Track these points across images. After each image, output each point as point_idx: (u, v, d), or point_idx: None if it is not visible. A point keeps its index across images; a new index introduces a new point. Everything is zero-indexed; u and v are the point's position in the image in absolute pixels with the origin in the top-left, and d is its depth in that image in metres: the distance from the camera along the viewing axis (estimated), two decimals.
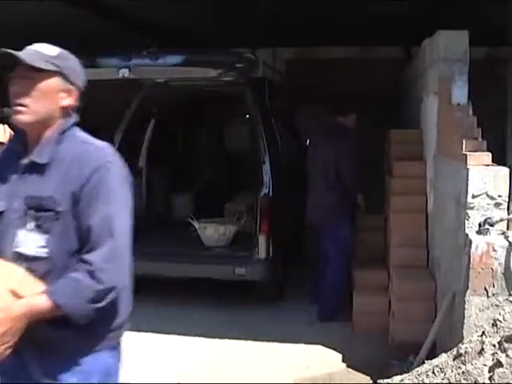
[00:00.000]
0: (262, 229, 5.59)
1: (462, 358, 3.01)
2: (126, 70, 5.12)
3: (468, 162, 3.85)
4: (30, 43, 1.99)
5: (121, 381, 2.05)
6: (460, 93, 4.43)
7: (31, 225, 1.84)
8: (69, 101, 1.94)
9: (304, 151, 7.71)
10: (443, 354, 3.25)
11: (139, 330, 4.81)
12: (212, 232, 5.96)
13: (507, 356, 2.85)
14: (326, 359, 4.72)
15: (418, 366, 3.56)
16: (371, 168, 7.19)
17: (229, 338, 5.09)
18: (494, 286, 3.52)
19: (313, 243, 5.98)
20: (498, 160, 3.97)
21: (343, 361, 4.67)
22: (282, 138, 6.80)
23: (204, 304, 5.92)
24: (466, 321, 3.52)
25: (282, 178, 6.12)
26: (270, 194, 5.66)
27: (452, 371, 3.01)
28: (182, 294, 6.18)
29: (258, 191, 5.67)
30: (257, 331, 5.22)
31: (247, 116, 7.21)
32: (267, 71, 6.73)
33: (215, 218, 6.32)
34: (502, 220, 3.69)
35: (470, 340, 3.15)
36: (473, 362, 2.94)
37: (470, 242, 3.60)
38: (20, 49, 1.94)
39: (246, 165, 7.66)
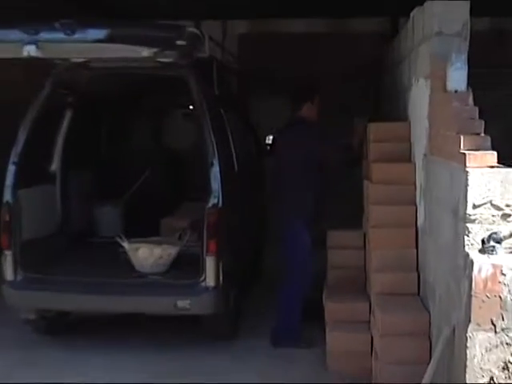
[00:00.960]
0: (210, 249, 5.57)
1: None
2: (33, 47, 4.99)
3: (467, 164, 3.86)
4: None
5: None
6: (458, 76, 4.46)
7: None
8: None
9: (262, 149, 7.69)
10: None
11: None
12: (146, 254, 5.90)
13: None
14: None
15: None
16: (345, 170, 7.22)
17: None
18: (502, 319, 3.53)
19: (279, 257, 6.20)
20: (506, 160, 4.00)
21: None
22: (235, 133, 6.79)
23: (136, 347, 5.85)
24: (468, 363, 3.51)
25: (236, 184, 6.11)
26: (220, 204, 5.64)
27: None
28: (107, 334, 6.09)
29: (204, 201, 5.61)
30: (206, 380, 5.17)
31: (191, 107, 7.17)
32: (215, 50, 6.70)
33: (150, 236, 6.25)
34: (511, 235, 3.71)
35: None
36: None
37: (472, 263, 3.60)
38: None
39: (190, 168, 7.63)
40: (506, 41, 9.29)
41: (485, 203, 3.77)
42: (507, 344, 3.49)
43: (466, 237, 3.80)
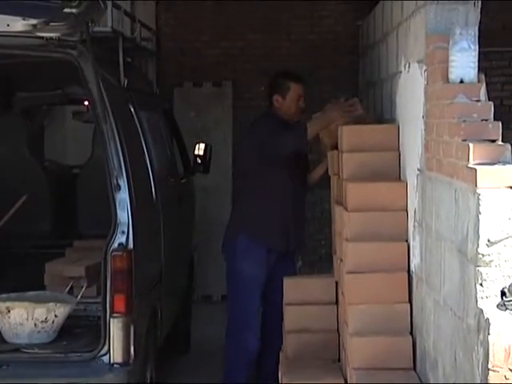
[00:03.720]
0: (117, 308, 5.56)
1: None
2: None
3: (479, 183, 3.90)
4: None
5: None
6: (464, 60, 4.51)
7: None
8: None
9: (190, 163, 7.75)
10: None
11: None
12: (22, 318, 5.84)
13: None
14: None
15: None
16: (310, 193, 7.27)
17: None
18: None
19: None
20: None
21: None
22: (153, 142, 6.78)
23: None
24: None
25: (154, 216, 6.09)
26: (131, 244, 5.61)
27: None
28: None
29: (107, 240, 5.58)
30: None
31: (85, 104, 7.12)
32: (122, 21, 6.70)
33: (28, 290, 6.18)
34: None
35: None
36: None
37: (488, 323, 3.63)
38: None
39: (86, 192, 7.58)
40: None
41: (504, 238, 3.80)
42: None
43: (478, 286, 3.82)
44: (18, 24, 5.11)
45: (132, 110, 6.46)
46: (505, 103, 9.22)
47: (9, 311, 5.85)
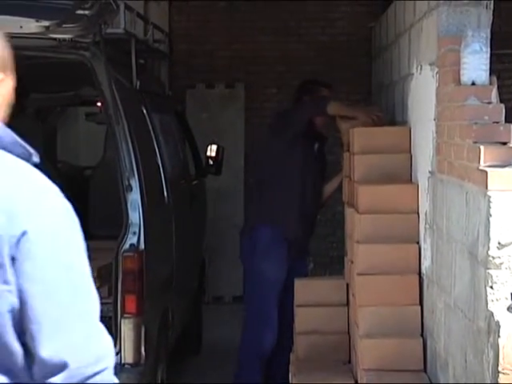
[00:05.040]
0: (128, 309, 5.55)
1: None
2: None
3: (489, 185, 3.90)
4: None
5: None
6: (476, 62, 4.50)
7: None
8: None
9: (202, 164, 7.75)
10: None
11: None
12: None
13: None
14: None
15: None
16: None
17: None
18: None
19: None
20: None
21: None
22: (165, 143, 6.79)
23: None
24: None
25: (166, 217, 6.09)
26: (142, 245, 5.60)
27: None
28: None
29: (119, 241, 5.59)
30: None
31: (98, 105, 7.13)
32: (134, 23, 6.71)
33: None
34: None
35: None
36: None
37: (498, 325, 3.63)
38: None
39: (98, 193, 7.59)
40: None
41: None
42: None
43: (489, 289, 3.82)
44: (31, 26, 5.12)
45: (144, 111, 6.47)
46: None
47: None
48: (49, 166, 7.93)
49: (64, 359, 2.34)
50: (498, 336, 3.61)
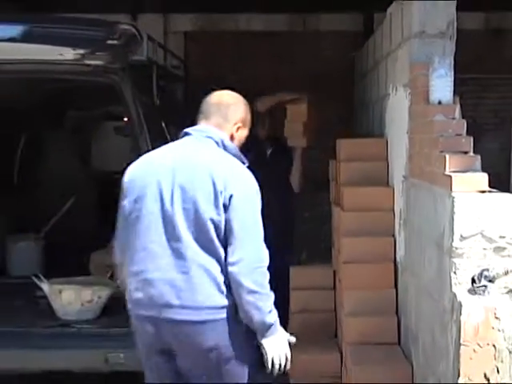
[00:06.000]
0: None
1: None
2: None
3: (453, 187, 3.90)
4: None
5: None
6: (442, 85, 4.52)
7: None
8: None
9: None
10: None
11: None
12: (71, 298, 5.82)
13: None
14: None
15: None
16: (313, 195, 7.27)
17: None
18: (498, 372, 3.55)
19: None
20: (499, 183, 4.05)
21: None
22: None
23: None
24: None
25: None
26: None
27: None
28: None
29: None
30: None
31: (125, 120, 7.12)
32: (156, 51, 6.69)
33: (77, 276, 6.18)
34: (506, 273, 3.73)
35: None
36: None
37: (460, 305, 3.62)
38: None
39: None
40: (503, 41, 9.46)
41: (474, 234, 3.80)
42: None
43: (452, 274, 3.82)
44: (69, 53, 5.10)
45: (163, 125, 6.45)
46: (477, 121, 9.18)
47: (61, 293, 5.84)
48: (83, 171, 7.96)
49: (244, 257, 3.70)
50: (460, 314, 3.61)
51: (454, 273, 3.82)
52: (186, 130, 4.09)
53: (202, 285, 3.74)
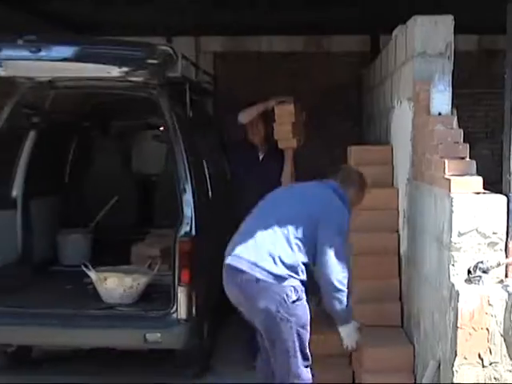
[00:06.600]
0: (183, 279, 5.52)
1: None
2: None
3: (452, 189, 3.90)
4: None
5: None
6: (441, 99, 4.51)
7: None
8: None
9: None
10: None
11: None
12: (115, 285, 5.84)
13: None
14: None
15: None
16: None
17: None
18: (490, 353, 3.54)
19: None
20: (493, 185, 4.04)
21: None
22: (210, 158, 6.79)
23: None
24: None
25: (210, 212, 6.08)
26: (193, 232, 5.59)
27: None
28: (70, 371, 6.03)
29: (176, 229, 5.59)
30: None
31: (162, 129, 7.14)
32: (189, 69, 6.71)
33: (119, 265, 6.20)
34: (498, 265, 3.73)
35: None
36: None
37: (457, 293, 3.62)
38: None
39: (161, 194, 7.60)
40: (493, 60, 9.44)
41: (470, 231, 3.80)
42: (495, 379, 3.51)
43: (451, 266, 3.82)
44: (114, 71, 5.10)
45: (195, 134, 6.47)
46: (470, 131, 9.16)
47: (106, 280, 5.86)
48: (125, 174, 7.98)
49: (328, 272, 4.34)
50: (458, 301, 3.61)
51: (452, 265, 3.82)
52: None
53: None
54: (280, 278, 4.30)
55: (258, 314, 4.41)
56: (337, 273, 4.37)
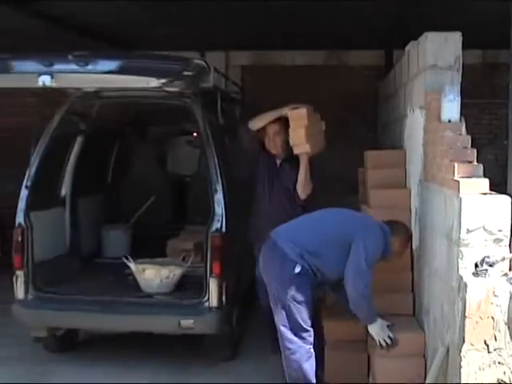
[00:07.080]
0: (214, 271, 5.53)
1: None
2: (48, 78, 4.99)
3: (461, 190, 3.87)
4: None
5: None
6: (451, 107, 4.47)
7: None
8: None
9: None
10: None
11: None
12: (152, 275, 5.86)
13: None
14: None
15: None
16: (344, 196, 7.23)
17: None
18: (495, 339, 3.51)
19: None
20: (498, 187, 4.00)
21: None
22: (237, 160, 6.78)
23: (141, 367, 5.80)
24: (463, 381, 3.49)
25: (238, 210, 6.09)
26: (223, 229, 5.60)
27: None
28: (113, 352, 6.05)
29: (208, 226, 5.60)
30: None
31: (195, 134, 7.16)
32: (220, 80, 6.71)
33: (156, 257, 6.22)
34: (503, 259, 3.69)
35: None
36: None
37: (466, 285, 3.59)
38: None
39: (194, 194, 7.62)
40: (497, 73, 9.39)
41: (478, 228, 3.77)
42: (499, 363, 3.48)
43: (459, 260, 3.79)
44: (153, 82, 5.11)
45: (225, 139, 6.47)
46: (475, 137, 9.10)
47: (144, 271, 5.89)
48: (162, 175, 8.01)
49: (350, 279, 4.66)
50: (466, 292, 3.58)
51: (461, 259, 3.79)
52: None
53: None
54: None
55: None
56: (361, 282, 4.68)
